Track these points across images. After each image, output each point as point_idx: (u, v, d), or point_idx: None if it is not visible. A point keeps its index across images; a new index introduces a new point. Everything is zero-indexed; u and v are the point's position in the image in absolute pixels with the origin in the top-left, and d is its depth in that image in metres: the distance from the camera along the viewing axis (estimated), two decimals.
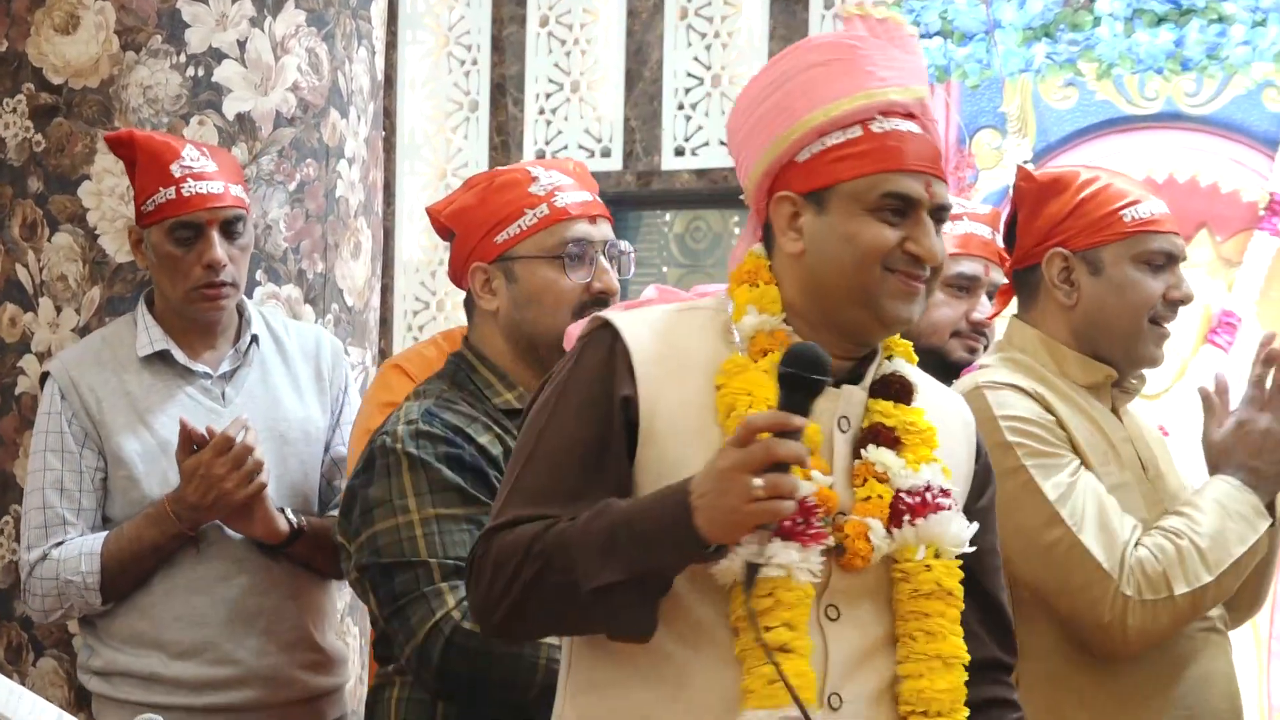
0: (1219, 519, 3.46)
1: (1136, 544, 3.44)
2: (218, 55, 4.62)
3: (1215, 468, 3.53)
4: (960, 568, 2.78)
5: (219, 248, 4.07)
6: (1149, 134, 6.49)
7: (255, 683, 4.12)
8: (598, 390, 2.75)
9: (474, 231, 3.65)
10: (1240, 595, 3.62)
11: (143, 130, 4.32)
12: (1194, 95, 6.43)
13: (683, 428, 2.72)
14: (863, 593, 2.76)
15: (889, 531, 2.73)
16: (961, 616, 2.79)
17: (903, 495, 2.74)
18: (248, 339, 4.23)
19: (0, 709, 3.65)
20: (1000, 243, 4.26)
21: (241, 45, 4.63)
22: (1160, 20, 6.37)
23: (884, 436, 2.76)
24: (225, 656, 4.10)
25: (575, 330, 2.94)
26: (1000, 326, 4.03)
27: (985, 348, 4.17)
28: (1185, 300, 3.61)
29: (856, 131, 2.80)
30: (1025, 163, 3.86)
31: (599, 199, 3.79)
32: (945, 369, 4.08)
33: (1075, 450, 3.54)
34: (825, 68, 2.84)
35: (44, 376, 4.21)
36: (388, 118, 5.63)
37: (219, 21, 4.61)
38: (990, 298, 4.26)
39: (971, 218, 4.32)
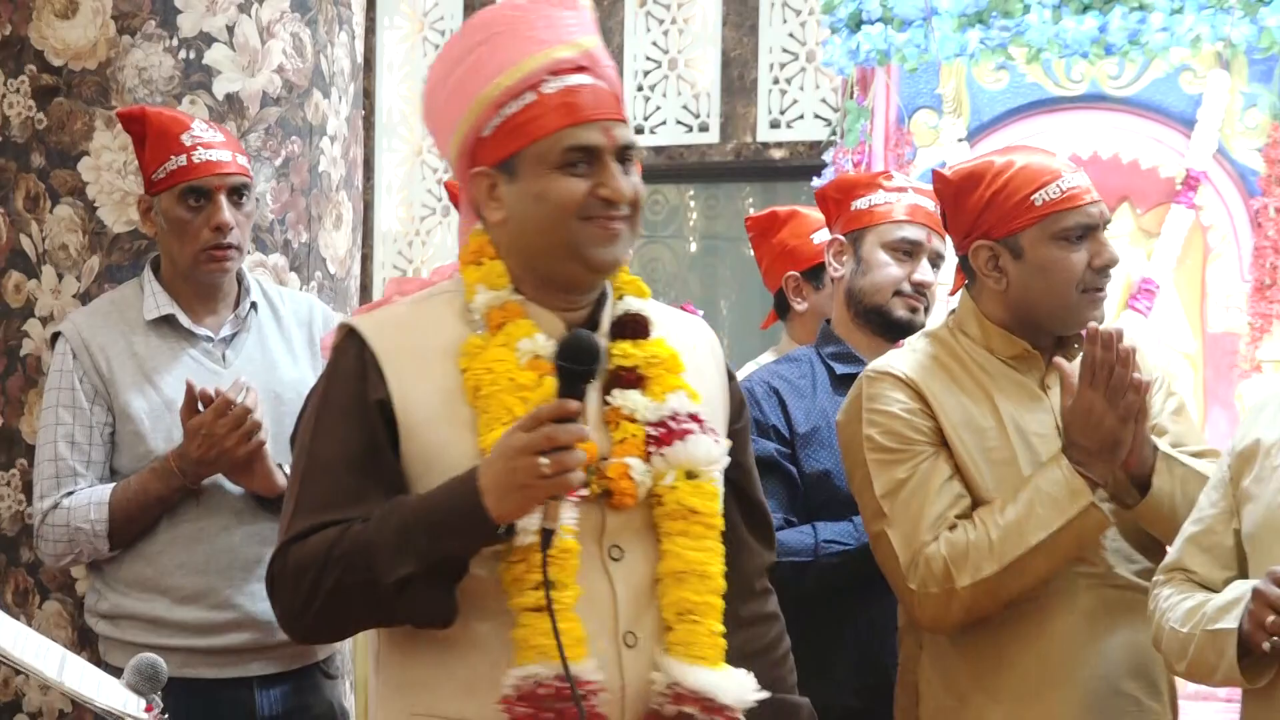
0: (1026, 507, 3.40)
1: (936, 538, 3.43)
2: (208, 39, 4.62)
3: (1064, 442, 3.47)
4: (729, 483, 2.81)
5: (227, 211, 4.09)
6: (1075, 114, 6.50)
7: (252, 626, 4.13)
8: (354, 397, 2.76)
9: None
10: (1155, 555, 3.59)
11: (151, 107, 4.31)
12: (1116, 78, 6.44)
13: (437, 415, 2.72)
14: (640, 529, 2.75)
15: (648, 465, 2.74)
16: (733, 530, 2.83)
17: (649, 429, 2.74)
18: (247, 305, 4.24)
19: (9, 649, 3.66)
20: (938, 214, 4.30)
21: (230, 30, 4.63)
22: (1086, 8, 6.38)
23: (626, 378, 2.77)
24: (225, 602, 4.11)
25: (329, 340, 2.96)
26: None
27: (927, 309, 4.17)
28: (1109, 264, 3.58)
29: (530, 97, 2.78)
30: (941, 165, 3.81)
31: None
32: (887, 326, 4.09)
33: (942, 434, 3.53)
34: (488, 44, 2.83)
35: (55, 336, 4.20)
36: (367, 98, 5.63)
37: (209, 7, 4.61)
38: (934, 264, 4.25)
39: (917, 191, 4.31)
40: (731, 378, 2.97)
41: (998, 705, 3.49)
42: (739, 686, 2.71)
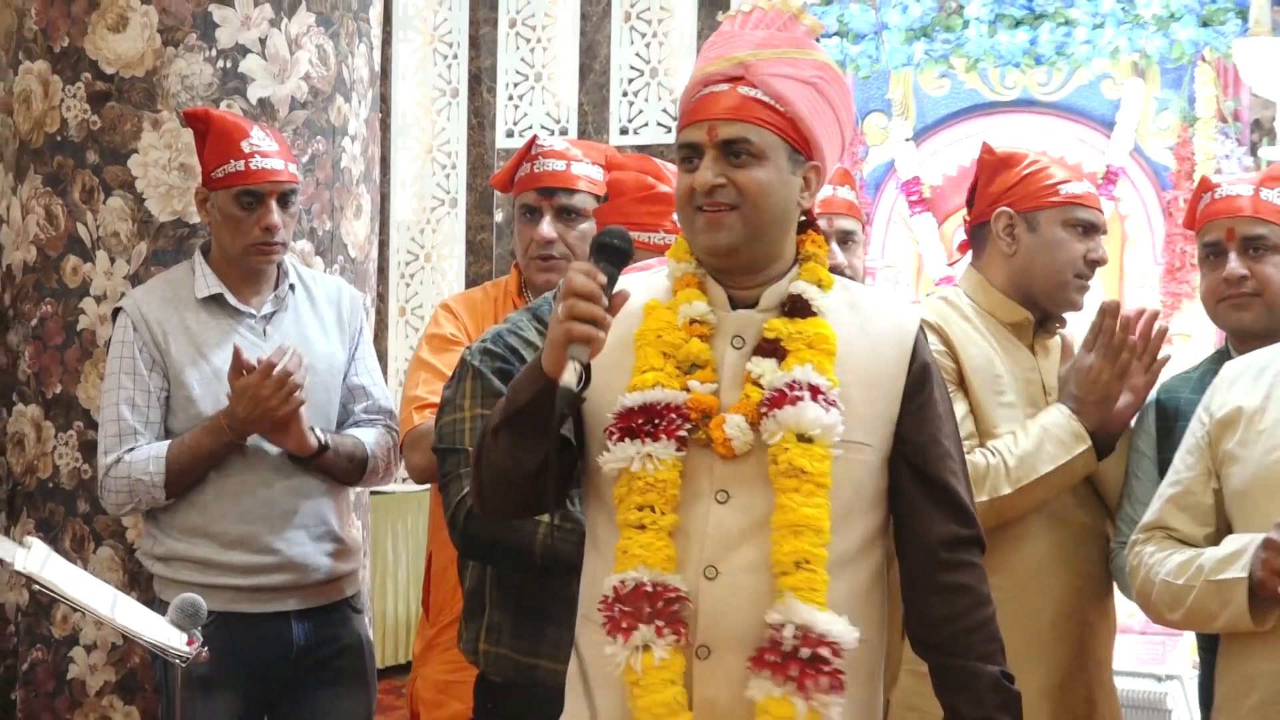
0: (1037, 441, 3.45)
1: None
2: (243, 50, 4.60)
3: (1059, 395, 3.53)
4: (903, 459, 2.79)
5: (276, 214, 4.08)
6: (1008, 117, 6.50)
7: (290, 568, 4.13)
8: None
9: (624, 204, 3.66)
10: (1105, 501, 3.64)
11: (215, 110, 4.30)
12: (1045, 85, 6.43)
13: (609, 359, 2.73)
14: (751, 480, 2.73)
15: (753, 425, 2.72)
16: (912, 501, 2.81)
17: (768, 393, 2.72)
18: (285, 287, 4.24)
19: (67, 590, 3.64)
20: (851, 197, 4.38)
21: (262, 42, 4.61)
22: (1018, 23, 6.37)
23: (766, 348, 2.75)
24: (266, 546, 4.10)
25: None
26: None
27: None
28: (1100, 262, 3.67)
29: (685, 110, 2.85)
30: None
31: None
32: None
33: (960, 375, 3.55)
34: (699, 58, 2.92)
35: (116, 312, 4.19)
36: (384, 102, 5.61)
37: (244, 22, 4.59)
38: (842, 244, 4.24)
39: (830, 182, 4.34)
40: (917, 363, 2.85)
41: None
42: (842, 628, 2.68)
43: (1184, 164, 6.09)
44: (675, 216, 3.38)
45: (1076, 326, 3.74)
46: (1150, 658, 4.58)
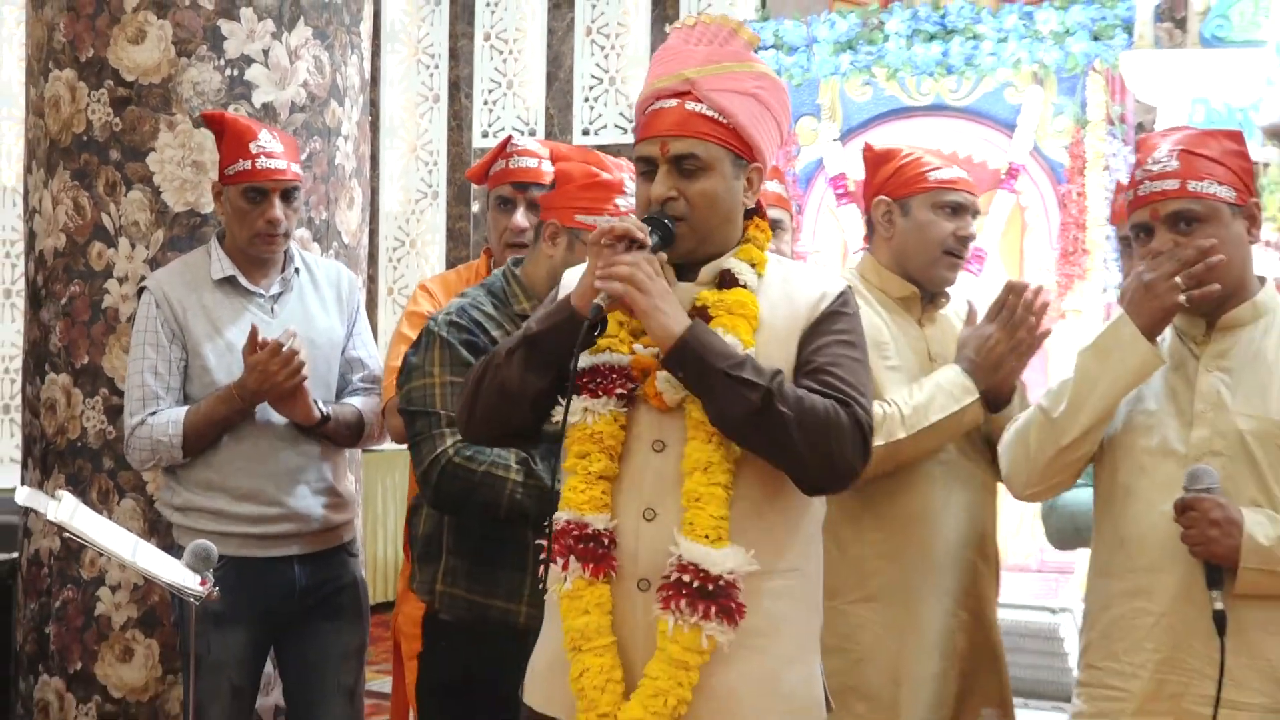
0: (930, 394, 3.44)
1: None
2: (248, 60, 4.59)
3: (957, 356, 3.52)
4: (803, 375, 2.75)
5: (278, 209, 4.09)
6: (923, 120, 6.51)
7: (294, 519, 4.14)
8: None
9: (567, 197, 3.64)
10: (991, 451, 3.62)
11: (231, 113, 4.31)
12: (955, 92, 6.44)
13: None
14: (681, 430, 2.73)
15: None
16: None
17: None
18: (291, 270, 4.24)
19: (94, 537, 3.64)
20: (780, 190, 4.40)
21: (265, 53, 4.60)
22: (932, 37, 6.38)
23: (694, 314, 2.76)
24: (273, 499, 4.10)
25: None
26: None
27: None
28: (968, 238, 3.65)
29: (640, 119, 2.87)
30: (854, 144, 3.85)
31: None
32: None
33: None
34: (650, 71, 2.92)
35: (141, 290, 4.19)
36: (373, 107, 5.60)
37: (249, 35, 4.58)
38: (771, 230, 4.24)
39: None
40: (825, 309, 2.83)
41: (871, 552, 3.51)
42: (726, 559, 2.67)
43: (1076, 161, 6.12)
44: (618, 202, 3.44)
45: (985, 298, 3.75)
46: (1045, 592, 4.62)
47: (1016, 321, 3.49)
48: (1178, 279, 2.91)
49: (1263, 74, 5.77)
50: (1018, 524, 6.03)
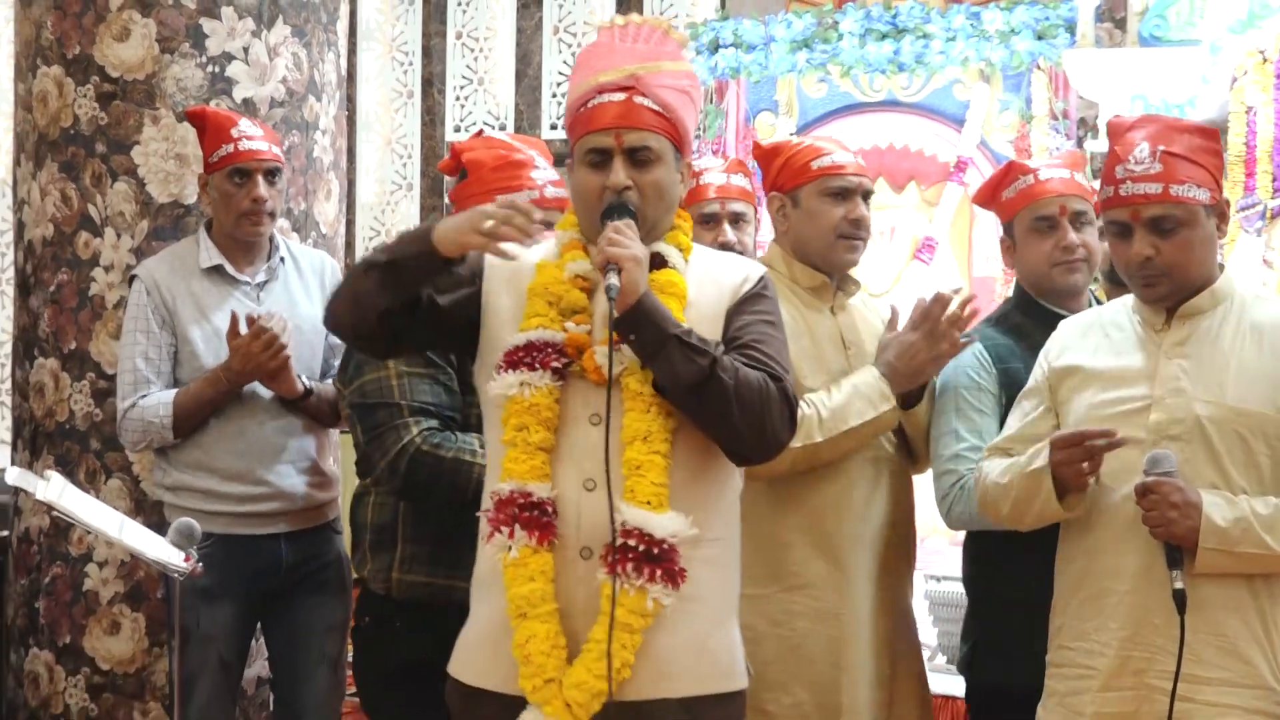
0: (848, 398, 3.39)
1: None
2: (229, 57, 4.56)
3: (877, 359, 3.47)
4: (730, 344, 2.77)
5: (262, 188, 4.11)
6: (876, 115, 6.52)
7: (280, 497, 4.14)
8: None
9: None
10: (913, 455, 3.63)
11: (210, 108, 4.33)
12: (907, 88, 6.45)
13: (513, 304, 2.85)
14: (617, 403, 2.73)
15: (620, 351, 2.73)
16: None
17: None
18: (276, 259, 4.24)
19: (81, 515, 3.61)
20: (745, 184, 4.29)
21: (246, 50, 4.58)
22: (884, 36, 6.38)
23: None
24: (260, 479, 4.11)
25: None
26: None
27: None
28: (859, 220, 3.56)
29: (580, 110, 2.85)
30: (760, 140, 3.83)
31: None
32: None
33: None
34: (576, 70, 2.92)
35: (132, 279, 4.21)
36: (350, 102, 5.58)
37: (230, 33, 4.56)
38: (734, 224, 4.19)
39: (726, 170, 4.33)
40: (747, 291, 2.88)
41: (798, 540, 3.47)
42: (668, 524, 2.68)
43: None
44: (532, 175, 3.51)
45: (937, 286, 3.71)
46: None
47: (940, 334, 3.42)
48: (1085, 465, 2.91)
49: (1198, 72, 5.78)
50: None
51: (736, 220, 4.19)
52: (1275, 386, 2.93)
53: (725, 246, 4.00)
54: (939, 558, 5.68)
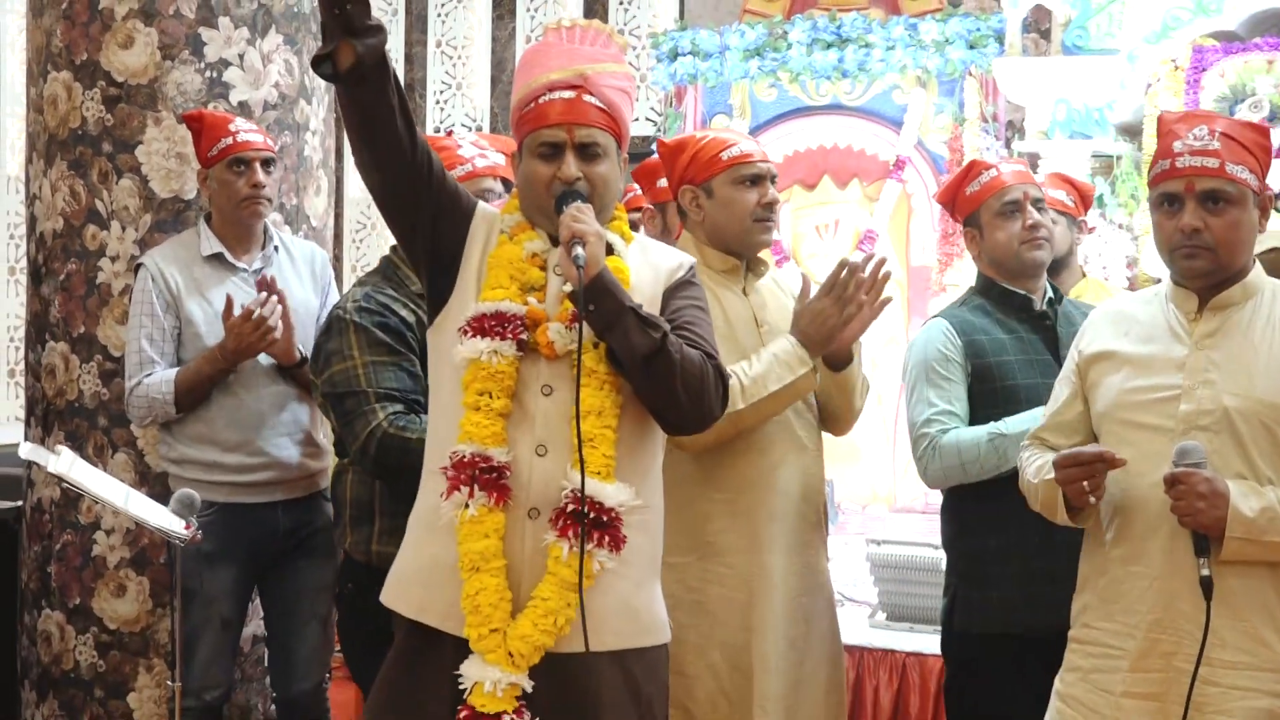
0: (767, 365, 3.34)
1: None
2: (225, 63, 4.54)
3: (792, 328, 3.42)
4: (674, 328, 2.77)
5: (260, 174, 4.14)
6: (822, 117, 6.53)
7: (277, 467, 4.15)
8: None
9: None
10: (830, 419, 3.60)
11: (206, 110, 4.34)
12: (850, 93, 6.46)
13: (473, 273, 2.82)
14: (568, 376, 2.73)
15: (570, 329, 2.73)
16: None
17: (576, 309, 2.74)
18: (271, 248, 4.26)
19: (90, 486, 3.60)
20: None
21: (241, 57, 4.56)
22: (829, 45, 6.39)
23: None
24: (258, 450, 4.12)
25: None
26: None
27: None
28: (772, 203, 3.53)
29: (531, 105, 2.82)
30: (660, 137, 3.79)
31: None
32: None
33: None
34: (524, 68, 2.89)
35: (138, 267, 4.21)
36: (338, 104, 5.57)
37: (226, 41, 4.54)
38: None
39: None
40: (678, 279, 2.90)
41: (716, 510, 3.48)
42: (618, 494, 2.70)
43: (955, 154, 6.15)
44: (460, 153, 3.57)
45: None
46: (929, 531, 4.65)
47: (847, 298, 3.38)
48: (1086, 484, 2.84)
49: (1116, 78, 5.82)
50: (905, 471, 6.07)
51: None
52: None
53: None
54: (879, 524, 5.72)
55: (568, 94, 2.80)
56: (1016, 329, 3.59)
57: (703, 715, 3.47)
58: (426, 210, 2.78)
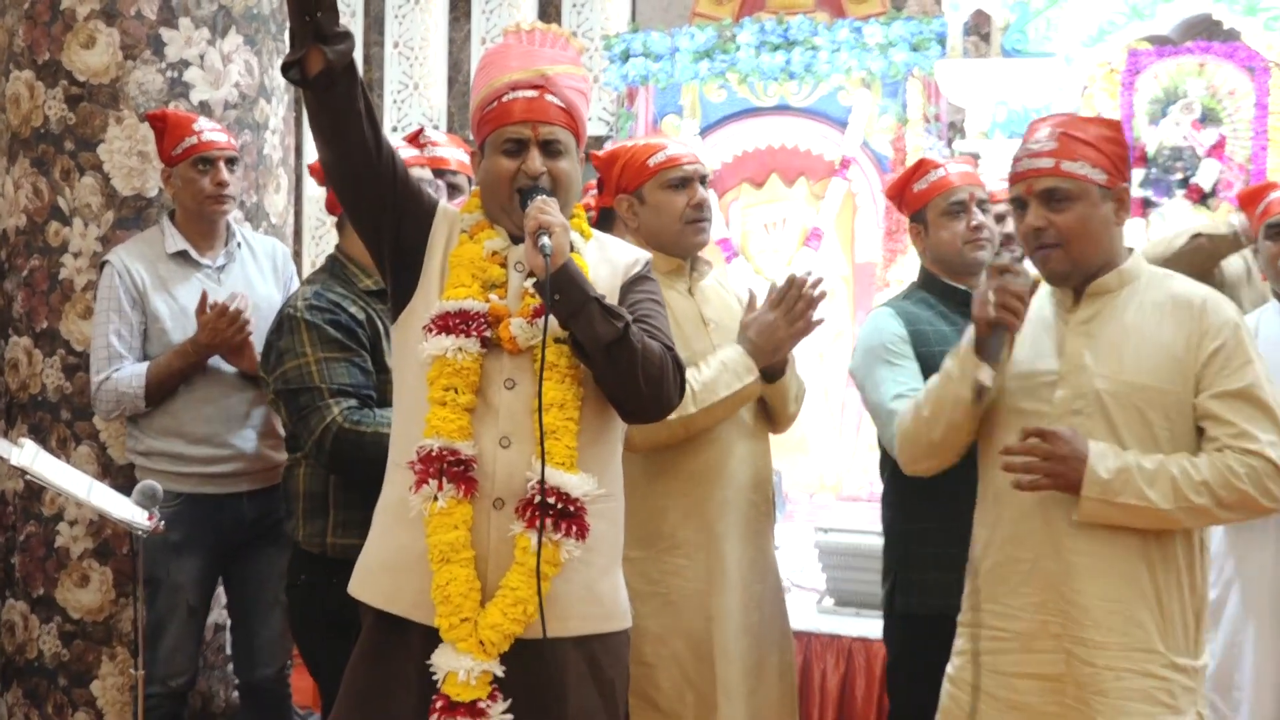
0: (716, 372, 3.42)
1: None
2: (186, 64, 4.53)
3: (739, 337, 3.49)
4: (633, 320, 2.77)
5: (224, 173, 4.14)
6: (770, 118, 6.55)
7: (242, 459, 4.15)
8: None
9: None
10: (769, 420, 3.64)
11: (170, 110, 4.33)
12: (797, 94, 6.48)
13: (435, 273, 2.83)
14: (531, 370, 2.75)
15: (531, 324, 2.75)
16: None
17: (534, 304, 2.76)
18: (234, 244, 4.26)
19: (53, 479, 3.59)
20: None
21: (202, 57, 4.55)
22: (777, 47, 6.41)
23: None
24: (224, 442, 4.13)
25: None
26: None
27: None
28: (701, 204, 3.56)
29: (494, 104, 2.83)
30: (598, 150, 3.80)
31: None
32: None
33: None
34: (485, 69, 2.90)
35: (104, 264, 4.19)
36: (297, 104, 5.54)
37: (187, 41, 4.53)
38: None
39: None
40: (635, 273, 2.91)
41: (672, 504, 3.52)
42: (582, 484, 2.72)
43: (899, 154, 6.18)
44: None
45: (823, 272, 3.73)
46: (875, 519, 4.68)
47: (796, 313, 3.46)
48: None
49: (1054, 80, 5.87)
50: (852, 460, 6.11)
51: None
52: (1172, 360, 2.83)
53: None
54: (826, 511, 5.76)
55: (530, 93, 2.82)
56: (958, 322, 3.63)
57: (668, 704, 3.51)
58: (391, 211, 2.80)
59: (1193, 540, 2.86)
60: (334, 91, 2.64)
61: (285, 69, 2.61)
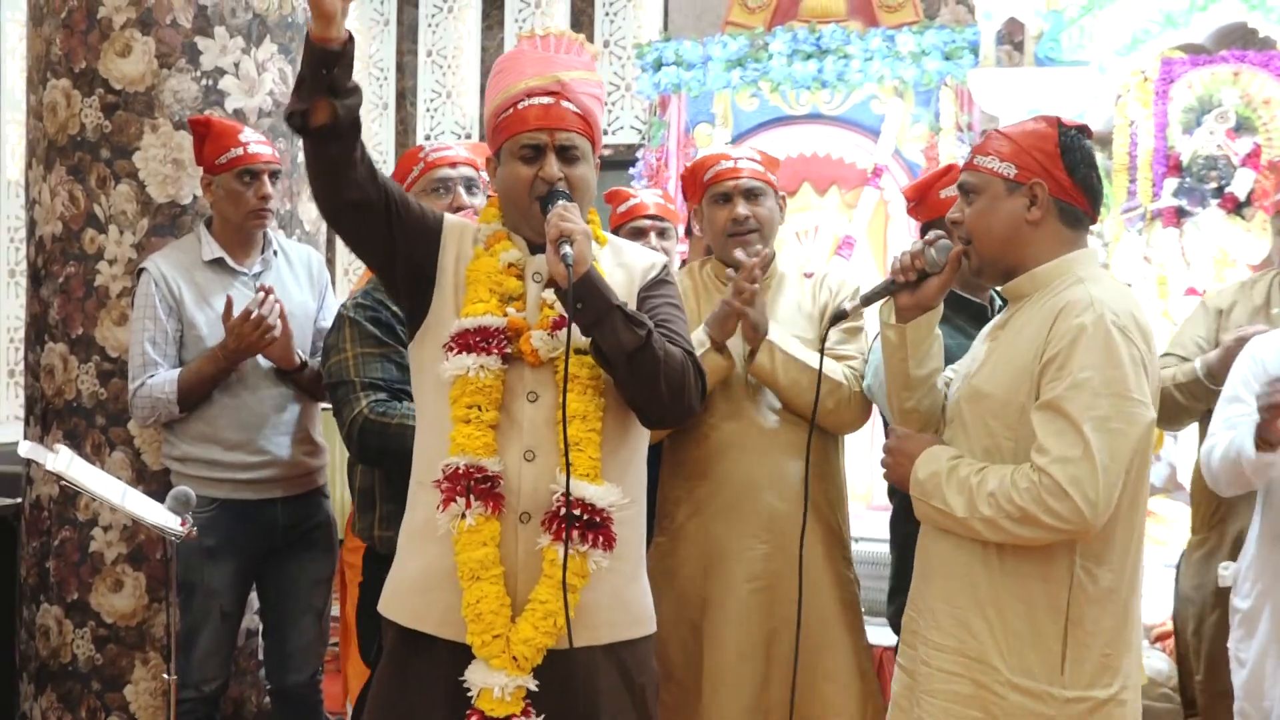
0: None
1: None
2: (221, 72, 4.53)
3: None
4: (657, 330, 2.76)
5: (268, 187, 4.13)
6: (802, 126, 6.52)
7: (276, 465, 4.15)
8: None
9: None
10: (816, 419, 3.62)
11: (214, 116, 4.30)
12: (829, 103, 6.46)
13: (451, 288, 2.82)
14: (552, 382, 2.74)
15: (552, 336, 2.74)
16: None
17: (558, 317, 2.75)
18: (270, 252, 4.26)
19: (88, 484, 3.58)
20: (660, 199, 4.38)
21: (237, 65, 4.55)
22: (809, 56, 6.39)
23: (552, 282, 2.77)
24: (259, 448, 4.12)
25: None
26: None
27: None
28: (738, 219, 3.61)
29: (509, 111, 2.82)
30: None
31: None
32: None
33: None
34: (499, 74, 2.88)
35: (140, 271, 4.19)
36: None
37: (222, 50, 4.53)
38: (661, 235, 4.28)
39: (645, 191, 4.43)
40: (653, 277, 2.91)
41: (670, 497, 3.60)
42: (607, 494, 2.69)
43: (931, 163, 6.15)
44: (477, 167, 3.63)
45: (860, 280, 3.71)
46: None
47: (746, 297, 3.48)
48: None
49: (1087, 89, 5.82)
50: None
51: (662, 235, 4.29)
52: (1019, 369, 2.72)
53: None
54: (858, 521, 5.69)
55: (546, 100, 2.80)
56: (973, 335, 3.60)
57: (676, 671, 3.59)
58: (399, 241, 2.79)
59: (1072, 563, 2.70)
60: (336, 144, 2.63)
61: (289, 117, 2.60)
